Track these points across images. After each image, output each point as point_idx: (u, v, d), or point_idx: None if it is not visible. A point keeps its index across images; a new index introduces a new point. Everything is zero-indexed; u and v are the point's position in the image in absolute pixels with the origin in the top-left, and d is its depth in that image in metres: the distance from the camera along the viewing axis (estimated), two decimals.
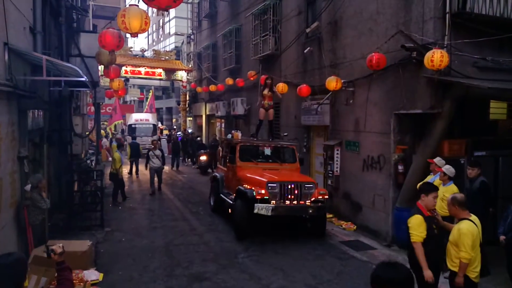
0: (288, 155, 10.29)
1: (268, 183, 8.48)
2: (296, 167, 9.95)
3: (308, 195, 8.55)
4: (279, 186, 8.47)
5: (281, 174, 9.16)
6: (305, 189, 8.60)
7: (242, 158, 9.81)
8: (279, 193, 8.44)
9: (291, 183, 8.56)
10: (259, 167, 9.67)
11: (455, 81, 7.19)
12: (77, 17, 11.54)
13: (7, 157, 5.80)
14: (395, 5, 8.29)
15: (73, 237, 8.15)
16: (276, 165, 9.90)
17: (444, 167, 6.89)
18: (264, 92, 10.84)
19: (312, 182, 8.82)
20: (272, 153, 10.29)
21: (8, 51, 5.58)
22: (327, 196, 8.72)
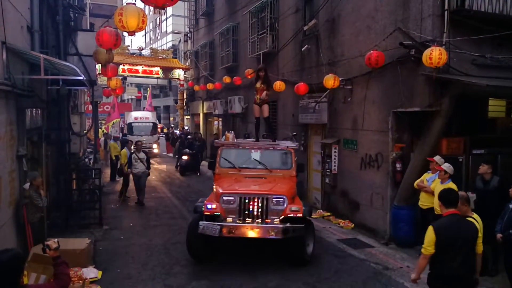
0: (282, 159, 8.49)
1: (223, 195, 6.91)
2: (291, 174, 8.11)
3: (277, 212, 6.86)
4: (237, 199, 6.84)
5: (259, 184, 7.52)
6: (272, 203, 6.86)
7: (223, 163, 8.32)
8: (238, 209, 6.84)
9: (254, 195, 6.86)
10: (242, 174, 8.04)
11: (454, 78, 7.21)
12: (74, 15, 11.50)
13: (6, 156, 5.81)
14: (393, 3, 8.29)
15: (72, 235, 8.18)
16: (265, 172, 8.11)
17: (444, 165, 6.92)
18: (256, 85, 9.34)
19: (282, 196, 6.93)
20: (262, 158, 8.44)
21: (6, 50, 5.57)
22: (300, 213, 6.87)
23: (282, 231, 6.62)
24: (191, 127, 27.10)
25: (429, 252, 4.28)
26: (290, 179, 8.05)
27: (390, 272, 7.00)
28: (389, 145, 8.42)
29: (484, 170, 6.92)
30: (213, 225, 6.67)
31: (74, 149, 10.99)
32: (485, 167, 6.91)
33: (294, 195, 7.43)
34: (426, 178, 7.46)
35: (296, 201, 7.34)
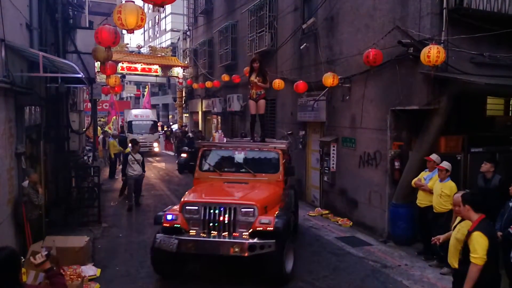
0: (268, 162, 7.66)
1: (185, 204, 6.18)
2: (277, 179, 7.30)
3: (246, 225, 5.99)
4: (202, 209, 6.05)
5: (235, 191, 6.81)
6: (240, 214, 6.01)
7: (203, 167, 7.61)
8: (202, 220, 6.02)
9: (219, 205, 6.07)
10: (223, 179, 7.32)
11: (452, 77, 7.22)
12: (73, 13, 11.49)
13: (5, 153, 5.82)
14: (391, 1, 8.30)
15: (71, 233, 8.17)
16: (249, 176, 7.33)
17: (444, 163, 6.93)
18: (251, 78, 8.40)
19: (250, 205, 6.06)
20: (246, 160, 7.66)
21: (5, 47, 5.57)
22: (271, 227, 5.84)
23: (248, 247, 5.74)
24: (190, 125, 27.08)
25: (484, 261, 3.86)
26: (276, 184, 7.24)
27: (388, 270, 7.03)
28: (387, 143, 8.44)
29: (487, 168, 6.93)
30: (169, 239, 5.89)
31: (73, 147, 11.01)
32: (487, 165, 6.91)
33: (274, 204, 6.57)
34: (424, 177, 7.46)
35: (271, 211, 6.25)
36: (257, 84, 8.23)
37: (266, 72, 8.58)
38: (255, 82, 8.23)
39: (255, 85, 8.31)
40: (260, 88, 8.34)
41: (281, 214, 6.24)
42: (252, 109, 8.63)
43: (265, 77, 8.35)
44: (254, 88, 8.39)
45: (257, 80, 8.20)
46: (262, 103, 8.50)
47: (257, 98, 8.45)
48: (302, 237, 8.70)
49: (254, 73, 8.35)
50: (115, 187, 14.08)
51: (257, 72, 8.31)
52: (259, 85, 8.25)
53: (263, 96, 8.46)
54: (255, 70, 8.35)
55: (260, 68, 8.35)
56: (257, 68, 8.32)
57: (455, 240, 4.36)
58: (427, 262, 7.29)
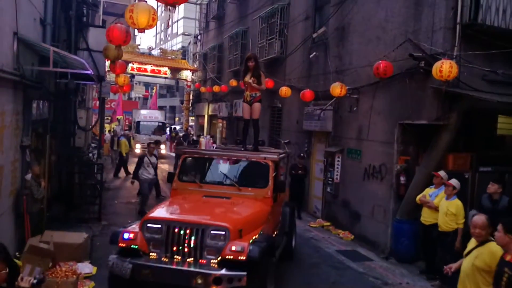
0: (255, 175, 6.74)
1: (146, 222, 5.28)
2: (265, 195, 6.29)
3: (216, 250, 5.01)
4: (165, 228, 5.13)
5: (210, 208, 5.86)
6: (209, 238, 5.05)
7: (183, 176, 6.72)
8: (165, 242, 5.10)
9: (185, 225, 5.12)
10: (203, 191, 6.38)
11: (464, 93, 7.14)
12: (88, 11, 11.56)
13: (10, 145, 5.82)
14: (404, 14, 8.27)
15: (70, 228, 8.12)
16: (233, 190, 6.37)
17: (453, 181, 6.80)
18: (245, 78, 7.47)
19: (221, 228, 5.08)
20: (231, 171, 6.80)
21: (17, 40, 5.59)
22: (243, 256, 4.84)
23: (213, 280, 4.78)
24: (196, 128, 27.10)
25: None
26: (263, 201, 6.23)
27: (389, 287, 6.90)
28: (393, 157, 8.34)
29: (494, 189, 6.70)
30: (123, 262, 5.00)
31: (78, 143, 11.03)
32: (495, 186, 6.70)
33: (254, 226, 5.54)
34: (429, 193, 7.33)
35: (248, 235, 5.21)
36: (251, 85, 7.35)
37: (262, 72, 7.73)
38: (250, 83, 7.34)
39: (250, 87, 7.44)
40: (255, 90, 7.48)
41: (260, 240, 5.23)
42: (245, 113, 7.68)
43: (260, 77, 7.44)
44: (249, 90, 7.51)
45: (252, 81, 7.32)
46: (257, 106, 7.61)
47: (251, 101, 7.55)
48: (301, 248, 8.57)
49: (249, 73, 7.43)
50: (120, 185, 14.09)
51: (252, 72, 7.40)
52: (253, 87, 7.38)
53: (258, 99, 7.58)
54: (250, 70, 7.43)
55: (256, 68, 7.44)
56: (253, 67, 7.41)
57: (473, 267, 3.94)
58: (429, 282, 7.13)
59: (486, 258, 3.84)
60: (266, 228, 5.86)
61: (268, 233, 5.81)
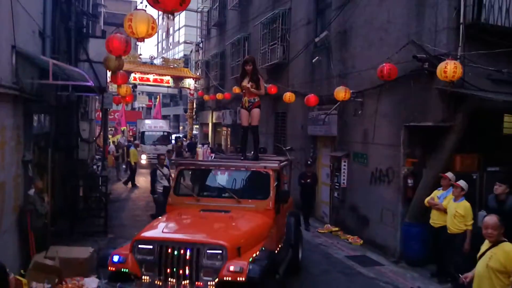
0: (256, 185, 6.38)
1: (137, 242, 4.87)
2: (266, 206, 5.89)
3: (213, 271, 4.63)
4: (157, 249, 4.73)
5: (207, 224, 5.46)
6: (205, 257, 4.66)
7: (179, 190, 6.38)
8: (158, 263, 4.71)
9: (179, 244, 4.73)
10: (200, 205, 5.99)
11: (469, 93, 7.05)
12: (87, 22, 11.58)
13: (11, 160, 5.77)
14: (406, 15, 8.18)
15: (76, 243, 8.06)
16: (232, 202, 5.98)
17: (460, 182, 6.71)
18: (243, 83, 7.03)
19: (218, 246, 4.70)
20: (230, 182, 6.44)
21: (16, 54, 5.55)
22: (242, 276, 4.48)
23: None
24: (200, 137, 27.05)
25: None
26: (265, 214, 5.82)
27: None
28: (400, 160, 8.23)
29: (502, 190, 6.55)
30: None
31: (82, 155, 10.97)
32: (502, 187, 6.55)
33: (254, 242, 5.16)
34: (437, 195, 7.25)
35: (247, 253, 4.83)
36: (249, 90, 6.93)
37: (261, 76, 7.24)
38: (248, 87, 6.92)
39: (248, 92, 7.01)
40: (253, 95, 7.03)
41: (261, 257, 4.87)
42: (243, 119, 7.22)
43: (258, 82, 6.99)
44: (247, 95, 7.08)
45: (250, 86, 6.90)
46: (256, 112, 7.13)
47: (249, 107, 7.09)
48: (310, 255, 8.46)
49: (247, 77, 7.00)
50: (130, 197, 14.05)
51: (250, 77, 6.96)
52: (252, 92, 6.95)
53: (257, 105, 7.12)
54: (248, 74, 6.99)
55: (254, 72, 6.99)
56: (250, 71, 6.96)
57: (488, 269, 3.90)
58: (441, 285, 7.03)
59: (500, 259, 3.81)
60: (269, 242, 5.51)
61: (270, 249, 5.45)
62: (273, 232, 5.87)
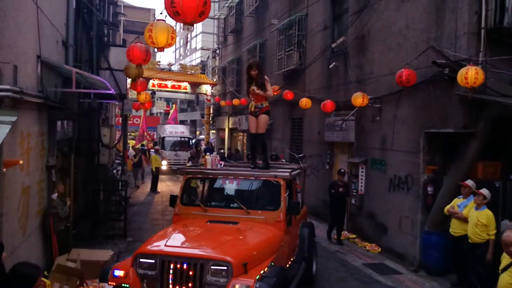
0: (266, 195, 6.09)
1: (138, 256, 4.67)
2: (277, 218, 5.63)
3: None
4: (159, 263, 4.52)
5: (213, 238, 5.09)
6: (209, 274, 4.41)
7: (186, 200, 6.17)
8: (160, 279, 4.49)
9: (182, 259, 4.49)
10: (207, 216, 5.77)
11: (491, 99, 6.92)
12: (108, 31, 11.83)
13: (36, 166, 5.93)
14: (426, 20, 8.12)
15: (97, 245, 8.23)
16: (241, 213, 5.74)
17: (483, 190, 6.57)
18: (251, 87, 6.70)
19: (224, 262, 4.42)
20: (239, 192, 6.15)
21: (41, 63, 5.72)
22: None
23: None
24: (216, 142, 27.19)
25: None
26: (275, 226, 5.57)
27: None
28: (420, 167, 8.12)
29: None
30: None
31: (103, 160, 11.18)
32: None
33: (263, 257, 4.89)
34: (457, 204, 7.12)
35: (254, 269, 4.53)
36: (255, 92, 6.59)
37: (267, 79, 6.81)
38: (253, 89, 6.59)
39: (255, 96, 6.69)
40: (261, 99, 6.68)
41: (270, 274, 4.56)
42: (251, 126, 6.81)
43: (264, 85, 6.59)
44: (254, 100, 6.76)
45: (256, 88, 6.58)
46: (263, 118, 6.71)
47: (257, 112, 6.71)
48: (327, 262, 8.42)
49: (252, 82, 6.70)
50: (148, 201, 14.18)
51: (256, 81, 6.64)
52: (258, 94, 6.60)
53: (265, 110, 6.71)
54: (253, 79, 6.67)
55: (259, 76, 6.67)
56: (256, 75, 6.63)
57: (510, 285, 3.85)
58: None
59: None
60: (279, 257, 5.24)
61: (280, 264, 5.18)
62: (284, 245, 5.61)
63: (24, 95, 4.72)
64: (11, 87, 4.38)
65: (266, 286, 4.25)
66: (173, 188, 17.00)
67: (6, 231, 4.59)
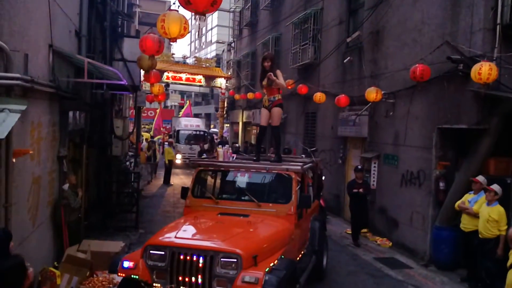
0: (277, 189, 6.10)
1: (148, 247, 4.66)
2: (287, 211, 5.63)
3: (227, 281, 4.34)
4: (169, 255, 4.51)
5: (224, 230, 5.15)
6: (219, 266, 4.39)
7: (197, 192, 6.15)
8: (170, 271, 4.47)
9: (192, 251, 4.47)
10: (218, 208, 5.78)
11: (505, 95, 6.78)
12: (122, 22, 11.87)
13: (47, 156, 5.98)
14: (441, 16, 7.97)
15: (108, 237, 8.29)
16: (252, 206, 5.75)
17: (494, 186, 6.50)
18: (263, 82, 6.71)
19: (234, 254, 4.41)
20: (250, 185, 6.18)
21: (53, 53, 5.77)
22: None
23: None
24: (230, 135, 27.23)
25: None
26: (286, 219, 5.56)
27: None
28: (432, 163, 8.03)
29: None
30: None
31: (115, 152, 11.25)
32: None
33: (273, 250, 4.89)
34: (468, 199, 7.08)
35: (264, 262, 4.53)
36: (271, 78, 6.45)
37: (279, 72, 6.71)
38: (269, 76, 6.47)
39: (268, 90, 6.65)
40: (274, 92, 6.62)
41: (279, 266, 4.54)
42: (263, 119, 6.76)
43: (276, 77, 6.49)
44: (267, 94, 6.73)
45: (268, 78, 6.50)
46: (277, 112, 6.65)
47: (270, 106, 6.67)
48: (338, 255, 8.40)
49: (266, 73, 6.61)
50: (160, 194, 14.26)
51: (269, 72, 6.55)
52: (272, 79, 6.45)
53: (278, 103, 6.65)
54: (267, 70, 6.60)
55: (272, 68, 6.61)
56: (269, 67, 6.57)
57: None
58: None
59: None
60: (289, 250, 5.24)
61: (291, 257, 5.18)
62: (295, 239, 5.60)
63: (35, 84, 4.74)
64: (22, 75, 4.38)
65: (275, 278, 4.24)
66: (186, 182, 17.07)
67: (15, 221, 4.60)
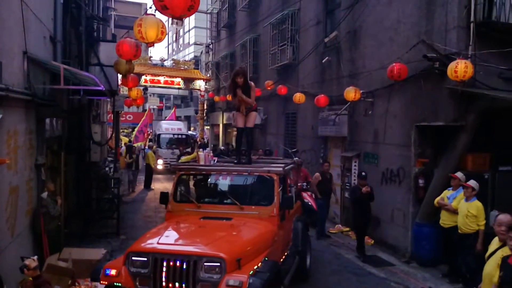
0: (259, 191, 6.10)
1: (130, 254, 4.62)
2: (270, 213, 5.65)
3: (211, 285, 4.34)
4: (151, 261, 4.48)
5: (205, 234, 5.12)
6: (202, 270, 4.38)
7: (178, 196, 6.15)
8: (152, 277, 4.45)
9: (175, 256, 4.46)
10: (201, 212, 5.77)
11: (480, 92, 6.97)
12: (98, 26, 11.68)
13: (24, 164, 5.84)
14: (416, 14, 8.12)
15: (89, 244, 8.17)
16: (234, 209, 5.75)
17: (471, 182, 6.65)
18: (238, 94, 6.68)
19: (217, 258, 4.41)
20: (232, 188, 6.19)
21: (27, 59, 5.63)
22: None
23: None
24: (211, 138, 27.12)
25: None
26: (269, 221, 5.58)
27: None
28: (411, 160, 8.17)
29: None
30: None
31: (94, 158, 11.04)
32: None
33: (257, 252, 4.90)
34: (447, 196, 7.21)
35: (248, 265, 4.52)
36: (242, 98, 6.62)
37: (251, 86, 6.84)
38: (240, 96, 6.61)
39: (242, 102, 6.73)
40: (247, 104, 6.77)
41: (263, 269, 4.55)
42: (239, 121, 6.86)
43: (249, 93, 6.67)
44: (242, 106, 6.85)
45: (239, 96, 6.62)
46: (253, 115, 6.88)
47: (247, 112, 6.88)
48: (321, 255, 8.46)
49: (239, 88, 6.63)
50: (141, 199, 14.13)
51: (242, 89, 6.61)
52: (244, 100, 6.66)
53: (254, 107, 6.97)
54: (239, 86, 6.62)
55: (245, 84, 6.67)
56: (242, 83, 6.61)
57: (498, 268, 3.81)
58: (452, 285, 6.99)
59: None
60: (273, 251, 5.26)
61: (274, 258, 5.20)
62: (278, 240, 5.63)
63: (10, 92, 4.64)
64: None
65: (259, 281, 4.25)
66: (168, 186, 16.91)
67: None
